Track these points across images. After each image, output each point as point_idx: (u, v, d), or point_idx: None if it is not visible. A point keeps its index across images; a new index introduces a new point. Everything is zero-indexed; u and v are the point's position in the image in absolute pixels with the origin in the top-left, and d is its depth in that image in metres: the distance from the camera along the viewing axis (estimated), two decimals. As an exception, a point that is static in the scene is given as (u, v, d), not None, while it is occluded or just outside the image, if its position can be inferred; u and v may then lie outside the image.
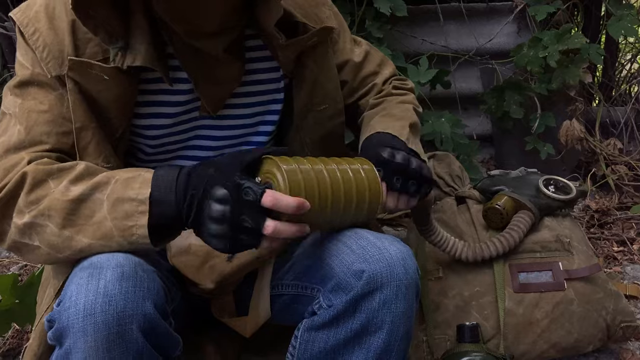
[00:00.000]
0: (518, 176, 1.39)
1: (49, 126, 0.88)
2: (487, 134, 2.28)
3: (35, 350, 0.88)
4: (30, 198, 0.81)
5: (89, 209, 0.79)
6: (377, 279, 0.84)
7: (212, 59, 0.93)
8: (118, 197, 0.79)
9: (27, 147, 0.87)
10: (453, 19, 2.13)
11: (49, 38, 0.88)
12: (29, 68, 0.89)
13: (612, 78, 2.39)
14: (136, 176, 0.80)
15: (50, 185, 0.82)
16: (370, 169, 0.91)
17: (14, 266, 1.73)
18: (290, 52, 0.98)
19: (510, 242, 1.23)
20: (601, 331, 1.23)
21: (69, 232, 0.80)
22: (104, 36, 0.86)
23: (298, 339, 0.91)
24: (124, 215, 0.78)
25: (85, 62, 0.87)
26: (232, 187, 0.76)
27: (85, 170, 0.83)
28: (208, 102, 0.97)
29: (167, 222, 0.79)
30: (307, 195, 0.80)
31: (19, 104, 0.89)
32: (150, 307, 0.76)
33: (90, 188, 0.80)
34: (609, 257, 1.74)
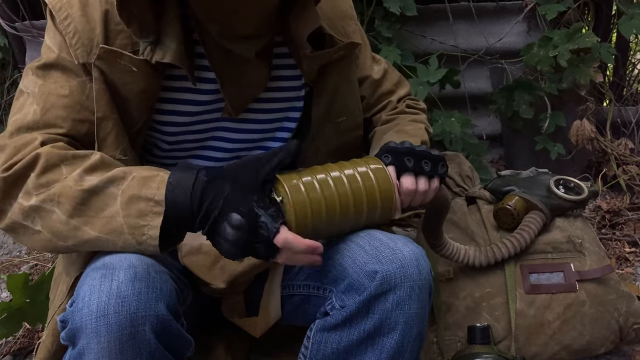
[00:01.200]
0: (529, 176, 1.38)
1: (66, 111, 0.88)
2: (496, 134, 2.27)
3: (49, 347, 0.88)
4: (41, 181, 0.80)
5: (101, 202, 0.78)
6: (390, 280, 0.84)
7: (242, 62, 0.93)
8: (133, 194, 0.78)
9: (40, 128, 0.86)
10: (462, 18, 2.12)
11: (80, 25, 0.88)
12: (55, 52, 0.89)
13: (623, 77, 2.37)
14: (154, 175, 0.80)
15: (62, 171, 0.81)
16: (379, 169, 0.89)
17: (24, 265, 1.74)
18: (315, 63, 0.98)
19: (522, 243, 1.22)
20: (613, 333, 1.22)
21: (76, 222, 0.79)
22: (135, 29, 0.86)
23: (310, 340, 0.91)
24: (138, 214, 0.77)
25: (116, 52, 0.87)
26: (248, 216, 0.76)
27: (100, 161, 0.82)
28: (232, 103, 0.96)
29: (178, 226, 0.79)
30: (314, 215, 0.82)
31: (40, 84, 0.89)
32: (162, 308, 0.76)
33: (106, 181, 0.79)
34: (621, 258, 1.73)
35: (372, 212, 0.88)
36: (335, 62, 1.01)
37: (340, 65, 1.03)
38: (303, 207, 0.81)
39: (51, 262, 1.73)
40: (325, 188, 0.83)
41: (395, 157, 0.92)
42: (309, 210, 0.81)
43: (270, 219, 0.77)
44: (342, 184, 0.85)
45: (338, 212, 0.84)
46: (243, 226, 0.76)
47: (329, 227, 0.85)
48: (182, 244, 0.97)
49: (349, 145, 1.09)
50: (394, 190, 0.89)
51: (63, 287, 0.92)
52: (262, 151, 1.04)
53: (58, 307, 0.90)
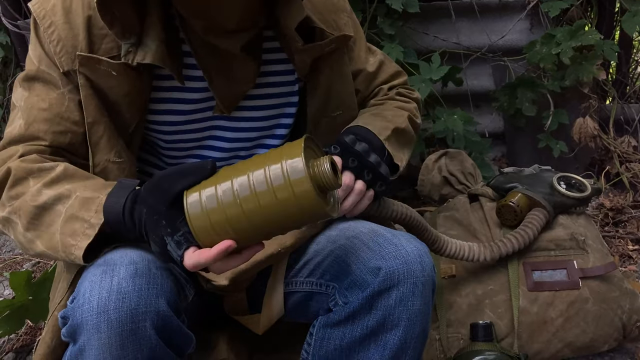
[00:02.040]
0: (532, 173, 1.38)
1: (46, 124, 0.89)
2: (499, 131, 2.26)
3: (48, 343, 0.89)
4: (11, 193, 0.85)
5: (49, 218, 0.82)
6: (393, 276, 0.84)
7: (228, 56, 0.92)
8: (72, 214, 0.81)
9: (25, 141, 0.90)
10: (465, 15, 2.12)
11: (64, 32, 0.88)
12: (35, 64, 0.91)
13: (627, 75, 2.36)
14: (95, 197, 0.81)
15: (29, 184, 0.85)
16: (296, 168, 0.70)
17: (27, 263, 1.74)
18: (306, 56, 0.97)
19: (525, 239, 1.22)
20: (617, 330, 1.22)
21: (31, 235, 0.84)
22: (118, 31, 0.86)
23: (313, 336, 0.91)
24: (71, 233, 0.80)
25: (93, 58, 0.87)
26: (160, 245, 0.76)
27: (62, 173, 0.85)
28: (222, 100, 0.96)
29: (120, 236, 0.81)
30: (219, 234, 0.73)
31: (25, 97, 0.91)
32: (163, 304, 0.76)
33: (54, 198, 0.82)
34: (624, 256, 1.72)
35: (293, 218, 0.73)
36: (328, 56, 1.00)
37: (333, 59, 1.02)
38: (205, 230, 0.73)
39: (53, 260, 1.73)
40: (228, 207, 0.72)
41: (342, 152, 0.92)
42: (212, 231, 0.73)
43: (175, 246, 0.75)
44: (247, 200, 0.71)
45: (247, 227, 0.73)
46: (158, 252, 0.77)
47: (242, 240, 0.74)
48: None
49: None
50: (313, 192, 0.71)
51: (64, 284, 0.92)
52: (262, 149, 1.03)
53: (58, 304, 0.90)
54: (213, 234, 0.73)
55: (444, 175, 1.50)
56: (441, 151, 1.55)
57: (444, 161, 1.51)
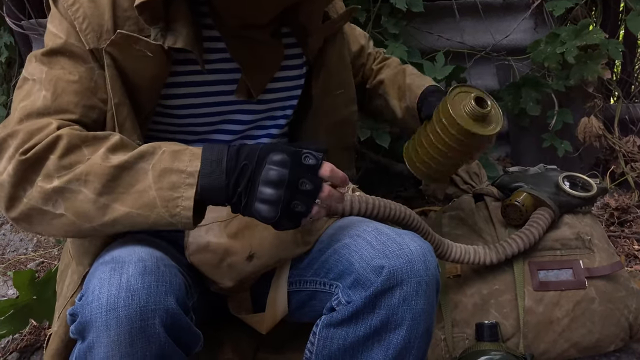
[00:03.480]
0: (537, 173, 1.37)
1: (76, 97, 0.87)
2: (503, 131, 2.25)
3: (62, 337, 0.88)
4: (63, 162, 0.78)
5: (131, 177, 0.77)
6: (397, 275, 0.83)
7: (260, 45, 0.95)
8: (165, 168, 0.77)
9: (52, 114, 0.85)
10: (469, 15, 2.11)
11: (90, 10, 0.88)
12: (63, 37, 0.88)
13: (631, 74, 2.35)
14: (184, 149, 0.79)
15: (84, 152, 0.79)
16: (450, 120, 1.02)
17: (31, 263, 1.75)
18: (320, 36, 1.02)
19: (530, 239, 1.21)
20: (623, 330, 1.21)
21: (105, 200, 0.77)
22: (147, 17, 0.86)
23: (316, 336, 0.90)
24: (171, 186, 0.76)
25: (132, 37, 0.87)
26: (291, 152, 0.76)
27: (120, 141, 0.82)
28: (254, 86, 0.98)
29: (213, 194, 0.77)
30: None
31: (46, 71, 0.87)
32: (172, 301, 0.76)
33: (136, 156, 0.78)
34: (630, 256, 1.71)
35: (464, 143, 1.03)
36: (332, 37, 1.06)
37: (336, 40, 1.07)
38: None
39: (57, 260, 1.73)
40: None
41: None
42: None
43: (313, 157, 0.77)
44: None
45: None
46: (287, 162, 0.75)
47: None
48: (189, 242, 0.97)
49: (347, 122, 1.15)
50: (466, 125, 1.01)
51: (74, 277, 0.92)
52: (261, 130, 1.07)
53: (70, 297, 0.90)
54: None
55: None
56: (445, 151, 1.55)
57: (449, 161, 1.50)
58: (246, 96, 0.99)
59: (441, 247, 1.12)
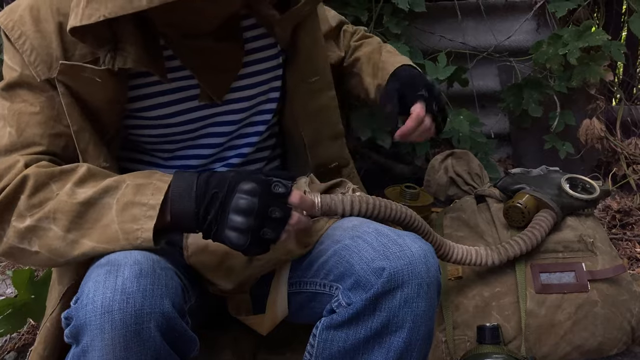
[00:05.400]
0: (539, 175, 1.36)
1: (41, 128, 0.87)
2: (504, 132, 2.25)
3: (40, 354, 0.88)
4: (33, 201, 0.80)
5: (97, 213, 0.79)
6: (398, 277, 0.83)
7: (210, 51, 0.92)
8: (128, 201, 0.78)
9: (19, 149, 0.86)
10: (471, 15, 2.11)
11: (36, 41, 0.86)
12: (17, 70, 0.88)
13: (634, 76, 2.35)
14: (147, 183, 0.80)
15: (52, 189, 0.81)
16: None
17: (29, 262, 1.74)
18: (287, 24, 0.98)
19: (533, 241, 1.20)
20: (626, 334, 1.21)
21: (73, 236, 0.79)
22: (92, 42, 0.84)
23: (316, 338, 0.90)
24: (132, 219, 0.78)
25: (76, 66, 0.85)
26: (260, 181, 0.78)
27: (87, 173, 0.83)
28: (212, 90, 0.95)
29: (184, 221, 0.79)
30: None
31: (7, 106, 0.88)
32: (168, 305, 0.75)
33: (100, 191, 0.80)
34: (632, 258, 1.71)
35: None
36: (304, 23, 1.01)
37: (308, 25, 1.03)
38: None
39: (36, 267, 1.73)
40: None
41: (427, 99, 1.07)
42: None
43: (282, 185, 0.79)
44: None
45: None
46: (257, 191, 0.77)
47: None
48: (189, 244, 0.96)
49: (326, 108, 1.10)
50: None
51: (55, 294, 0.91)
52: (252, 128, 1.04)
53: (49, 315, 0.90)
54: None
55: (451, 176, 1.49)
56: (447, 152, 1.54)
57: (451, 162, 1.50)
58: (209, 100, 0.97)
59: (443, 248, 1.11)
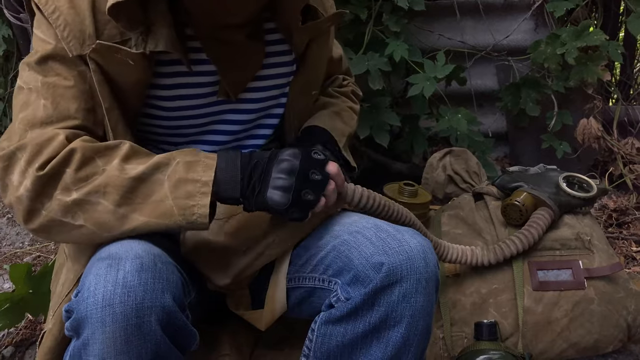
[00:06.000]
0: (537, 173, 1.37)
1: (75, 102, 0.87)
2: (502, 131, 2.25)
3: (56, 335, 0.87)
4: (80, 175, 0.81)
5: (148, 188, 0.81)
6: (396, 272, 0.83)
7: (236, 46, 0.93)
8: (181, 178, 0.81)
9: (54, 122, 0.85)
10: (470, 14, 2.11)
11: (70, 17, 0.87)
12: (51, 42, 0.87)
13: (631, 76, 2.35)
14: (197, 160, 0.84)
15: (98, 163, 0.82)
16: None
17: (27, 257, 1.73)
18: (306, 35, 0.99)
19: (530, 240, 1.21)
20: (622, 332, 1.21)
21: (124, 210, 0.80)
22: (125, 23, 0.85)
23: (315, 333, 0.90)
24: (186, 195, 0.80)
25: (112, 47, 0.86)
26: (301, 148, 0.86)
27: (131, 150, 0.84)
28: (231, 87, 0.96)
29: (228, 188, 0.83)
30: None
31: (41, 79, 0.87)
32: (169, 299, 0.75)
33: (152, 167, 0.82)
34: (628, 257, 1.71)
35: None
36: (319, 37, 1.03)
37: (322, 40, 1.05)
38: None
39: (54, 254, 1.72)
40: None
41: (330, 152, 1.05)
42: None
43: (322, 154, 0.85)
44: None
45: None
46: (298, 154, 0.83)
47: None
48: (186, 240, 0.96)
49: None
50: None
51: (70, 276, 0.91)
52: (261, 130, 1.06)
53: (65, 296, 0.89)
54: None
55: (449, 174, 1.50)
56: (445, 150, 1.55)
57: (449, 160, 1.50)
58: (225, 96, 0.98)
59: (437, 248, 1.11)
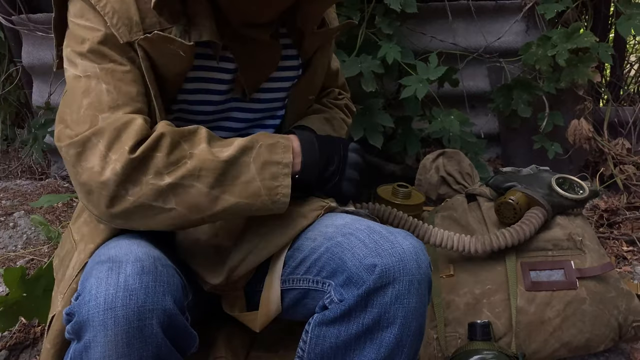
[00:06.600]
0: (530, 174, 1.38)
1: (135, 86, 0.88)
2: (494, 132, 2.27)
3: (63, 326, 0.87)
4: (171, 159, 0.82)
5: (236, 170, 0.85)
6: (389, 273, 0.83)
7: (259, 45, 0.96)
8: (265, 160, 0.87)
9: (121, 106, 0.85)
10: (462, 16, 2.12)
11: (117, 5, 0.87)
12: (101, 29, 0.87)
13: (621, 77, 2.38)
14: (276, 142, 0.90)
15: (184, 148, 0.84)
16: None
17: (20, 260, 1.73)
18: (316, 41, 1.03)
19: (521, 235, 1.21)
20: (613, 331, 1.22)
21: (216, 192, 0.84)
22: (168, 16, 0.87)
23: (309, 334, 0.90)
24: (272, 176, 0.87)
25: (167, 38, 0.87)
26: (358, 147, 0.99)
27: (209, 135, 0.88)
28: (248, 85, 1.00)
29: (309, 169, 0.92)
30: None
31: (98, 66, 0.87)
32: (170, 302, 0.75)
33: (240, 150, 0.86)
34: (619, 257, 1.73)
35: None
36: (324, 45, 1.07)
37: (326, 48, 1.09)
38: None
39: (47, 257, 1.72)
40: None
41: None
42: None
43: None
44: None
45: None
46: (360, 151, 0.98)
47: None
48: (181, 241, 0.96)
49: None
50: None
51: (82, 256, 0.90)
52: (261, 129, 1.07)
53: (76, 276, 0.88)
54: None
55: (442, 175, 1.50)
56: (438, 151, 1.55)
57: (442, 161, 1.51)
58: (241, 94, 1.00)
59: (417, 229, 1.15)
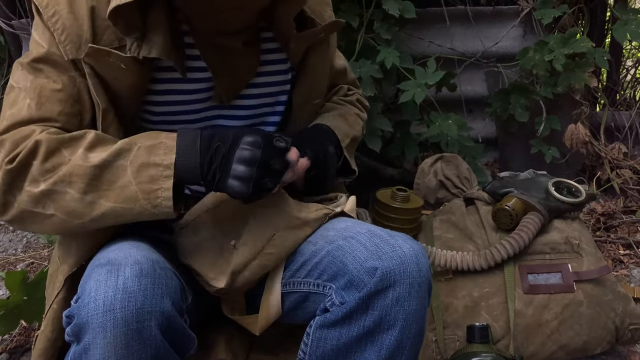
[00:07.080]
0: (527, 178, 1.39)
1: (60, 105, 0.89)
2: (491, 137, 2.28)
3: (49, 336, 0.89)
4: (46, 166, 0.82)
5: (112, 174, 0.82)
6: (390, 276, 0.84)
7: (232, 51, 0.95)
8: (143, 162, 0.82)
9: (35, 122, 0.87)
10: (459, 22, 2.13)
11: (68, 22, 0.88)
12: (45, 47, 0.89)
13: (617, 82, 2.39)
14: (158, 143, 0.84)
15: (64, 154, 0.83)
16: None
17: (20, 263, 1.73)
18: (301, 43, 1.00)
19: (520, 244, 1.23)
20: (610, 333, 1.23)
21: (91, 198, 0.81)
22: (122, 27, 0.87)
23: (310, 337, 0.91)
24: (150, 179, 0.81)
25: (103, 50, 0.87)
26: (263, 135, 0.84)
27: (96, 138, 0.85)
28: (224, 92, 0.98)
29: (188, 173, 0.83)
30: None
31: (31, 79, 0.89)
32: (168, 304, 0.76)
33: (114, 154, 0.82)
34: (616, 260, 1.74)
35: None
36: (317, 45, 1.04)
37: (320, 50, 1.06)
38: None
39: (47, 261, 1.72)
40: None
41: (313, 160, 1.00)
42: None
43: (282, 140, 0.84)
44: None
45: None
46: (260, 143, 0.82)
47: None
48: (182, 244, 0.97)
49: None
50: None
51: (60, 277, 0.92)
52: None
53: (55, 297, 0.90)
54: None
55: (440, 179, 1.51)
56: (437, 155, 1.57)
57: (440, 165, 1.52)
58: (220, 101, 0.99)
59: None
